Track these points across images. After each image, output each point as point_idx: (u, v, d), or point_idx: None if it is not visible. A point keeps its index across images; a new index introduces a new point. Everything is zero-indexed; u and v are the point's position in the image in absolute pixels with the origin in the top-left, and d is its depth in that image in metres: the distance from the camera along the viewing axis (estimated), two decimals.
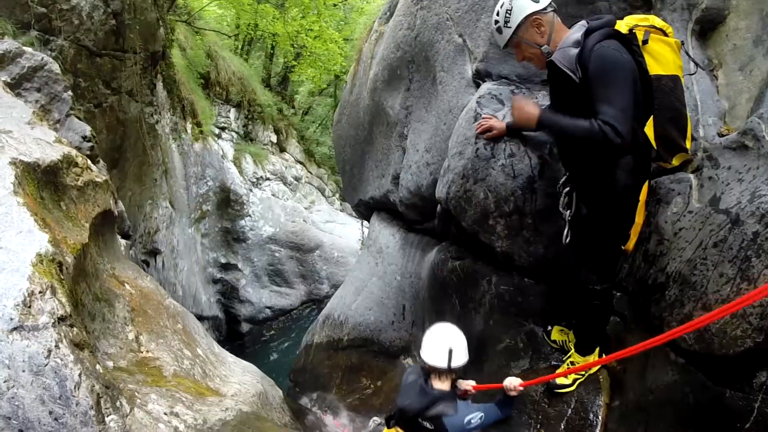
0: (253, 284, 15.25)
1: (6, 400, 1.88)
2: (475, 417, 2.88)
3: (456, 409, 2.88)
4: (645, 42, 2.74)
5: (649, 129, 2.77)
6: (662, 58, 2.78)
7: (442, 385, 2.95)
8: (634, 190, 2.86)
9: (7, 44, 4.52)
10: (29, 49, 4.72)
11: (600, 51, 2.65)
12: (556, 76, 2.84)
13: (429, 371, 2.99)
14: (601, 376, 3.35)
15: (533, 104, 2.87)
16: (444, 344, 2.96)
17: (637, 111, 2.73)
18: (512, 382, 2.96)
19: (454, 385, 3.01)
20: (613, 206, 2.86)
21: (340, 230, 18.11)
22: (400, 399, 3.09)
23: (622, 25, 2.75)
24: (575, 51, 2.73)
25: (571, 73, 2.71)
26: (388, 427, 3.20)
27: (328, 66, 19.53)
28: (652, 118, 2.77)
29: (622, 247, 2.98)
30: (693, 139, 3.01)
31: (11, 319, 2.01)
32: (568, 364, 3.35)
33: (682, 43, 2.88)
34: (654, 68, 2.76)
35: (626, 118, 2.59)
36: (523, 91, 3.87)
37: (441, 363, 2.91)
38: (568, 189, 3.11)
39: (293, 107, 23.07)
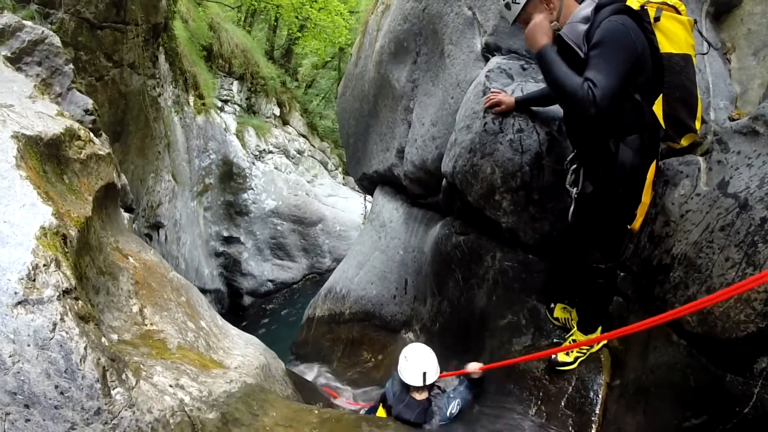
0: (255, 257, 15.32)
1: (11, 374, 1.88)
2: (454, 406, 3.56)
3: (440, 408, 3.57)
4: (657, 19, 2.67)
5: (657, 108, 2.73)
6: (674, 36, 2.71)
7: (421, 395, 3.58)
8: (641, 169, 2.83)
9: (6, 18, 4.45)
10: (29, 23, 4.65)
11: (606, 24, 2.60)
12: (564, 52, 2.79)
13: (409, 387, 3.60)
14: (602, 355, 3.36)
15: (549, 31, 2.77)
16: (419, 368, 3.56)
17: (646, 89, 2.69)
18: (473, 367, 3.63)
19: (430, 389, 3.65)
20: (619, 185, 2.84)
21: (342, 204, 18.14)
22: (396, 409, 3.61)
23: (634, 1, 2.68)
24: (584, 27, 2.67)
25: (577, 48, 2.66)
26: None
27: (332, 38, 19.32)
28: (661, 96, 2.73)
29: (628, 227, 2.96)
30: (703, 121, 2.97)
31: (15, 293, 2.00)
32: (570, 342, 3.36)
33: (695, 22, 2.82)
34: (665, 46, 2.69)
35: (611, 93, 2.53)
36: (533, 66, 3.81)
37: (418, 383, 3.53)
38: (575, 166, 3.07)
39: (297, 80, 22.91)
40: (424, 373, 3.53)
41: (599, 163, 2.88)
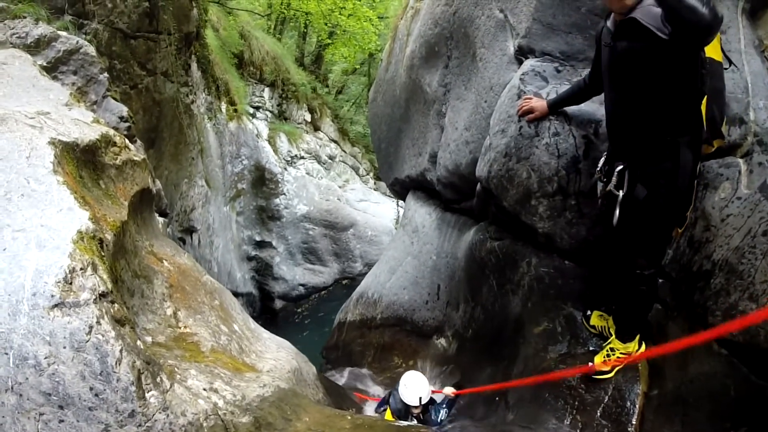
0: (287, 262, 15.43)
1: (47, 376, 1.90)
2: (443, 414, 4.56)
3: (432, 418, 4.59)
4: None
5: (703, 108, 2.69)
6: (714, 42, 2.68)
7: (417, 411, 4.57)
8: (695, 170, 2.76)
9: (41, 29, 4.57)
10: (64, 33, 4.76)
11: None
12: (638, 36, 2.68)
13: (409, 405, 4.57)
14: (639, 364, 3.28)
15: None
16: (415, 393, 4.52)
17: (693, 90, 2.66)
18: (449, 390, 4.67)
19: (425, 406, 4.60)
20: (680, 186, 2.76)
21: (374, 209, 18.16)
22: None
23: None
24: (658, 10, 2.58)
25: (658, 32, 2.57)
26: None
27: (362, 44, 19.38)
28: (705, 97, 2.68)
29: (679, 231, 2.89)
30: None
31: (52, 295, 2.03)
32: (607, 350, 3.28)
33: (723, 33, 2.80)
34: (708, 50, 2.67)
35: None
36: (567, 69, 3.74)
37: (416, 404, 4.51)
38: (620, 168, 2.97)
39: (327, 86, 23.02)
40: (420, 398, 4.50)
41: (656, 165, 2.79)
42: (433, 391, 4.75)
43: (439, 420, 4.55)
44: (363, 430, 3.18)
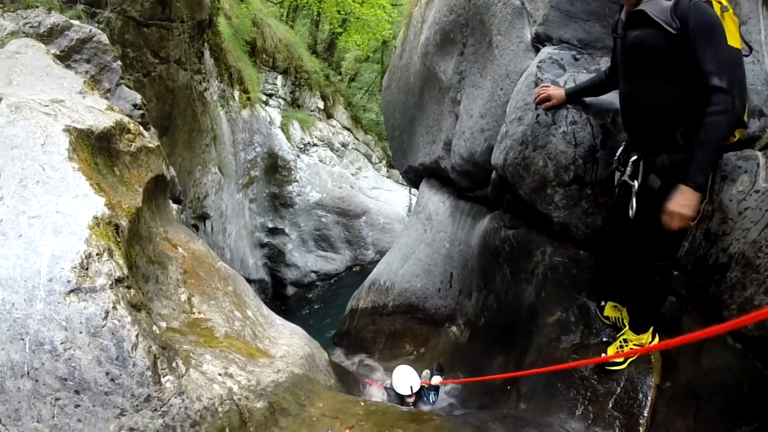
0: (299, 249, 15.48)
1: (63, 361, 1.92)
2: (432, 396, 4.99)
3: (424, 400, 4.98)
4: (725, 10, 2.60)
5: None
6: (733, 30, 2.64)
7: (411, 399, 4.89)
8: None
9: (54, 18, 4.59)
10: (77, 22, 4.78)
11: (700, 6, 2.53)
12: (642, 28, 2.69)
13: (403, 396, 4.91)
14: (653, 356, 3.25)
15: (686, 195, 2.60)
16: (407, 383, 4.88)
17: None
18: (436, 380, 5.04)
19: (417, 395, 4.97)
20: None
21: (386, 197, 18.14)
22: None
23: None
24: (668, 3, 2.59)
25: (666, 26, 2.56)
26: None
27: (375, 32, 19.27)
28: None
29: (692, 224, 2.85)
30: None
31: (68, 281, 2.04)
32: (620, 342, 3.26)
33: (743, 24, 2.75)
34: (729, 39, 2.61)
35: (732, 75, 2.49)
36: (585, 57, 3.69)
37: (408, 393, 4.84)
38: (635, 158, 2.94)
39: (340, 73, 22.93)
40: (411, 386, 4.86)
41: (668, 156, 2.75)
42: (423, 383, 5.13)
43: (431, 401, 4.96)
44: (376, 416, 3.19)
